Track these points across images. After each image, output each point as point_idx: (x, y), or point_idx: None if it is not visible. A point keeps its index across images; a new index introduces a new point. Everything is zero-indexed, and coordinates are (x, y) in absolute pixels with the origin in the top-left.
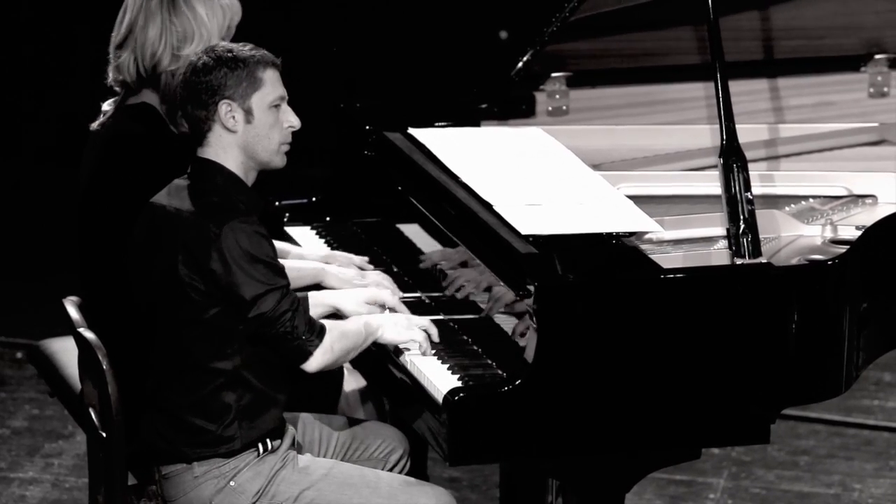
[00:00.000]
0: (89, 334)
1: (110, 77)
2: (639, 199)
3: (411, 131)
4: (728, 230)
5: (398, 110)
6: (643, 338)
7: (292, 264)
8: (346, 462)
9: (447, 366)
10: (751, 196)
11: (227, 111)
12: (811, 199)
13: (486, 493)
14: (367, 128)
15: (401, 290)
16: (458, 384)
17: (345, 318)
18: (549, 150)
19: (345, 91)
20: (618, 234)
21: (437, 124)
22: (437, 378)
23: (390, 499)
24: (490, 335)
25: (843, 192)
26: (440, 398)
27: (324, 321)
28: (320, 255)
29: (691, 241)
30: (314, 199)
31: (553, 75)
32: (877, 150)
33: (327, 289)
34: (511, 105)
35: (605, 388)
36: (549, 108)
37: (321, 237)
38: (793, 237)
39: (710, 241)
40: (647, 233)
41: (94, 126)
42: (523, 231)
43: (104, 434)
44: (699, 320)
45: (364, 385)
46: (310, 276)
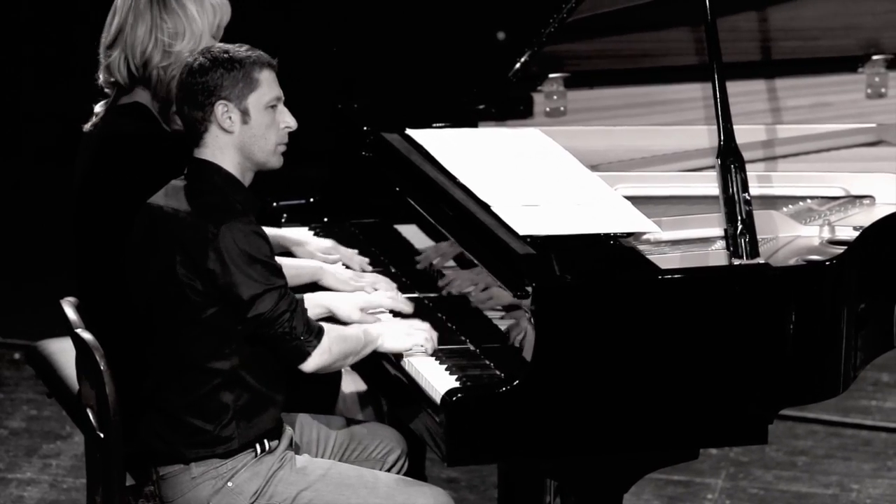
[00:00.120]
0: (87, 335)
1: (101, 79)
2: (637, 200)
3: (409, 132)
4: (726, 231)
5: (396, 111)
6: (641, 338)
7: (290, 262)
8: (344, 463)
9: (445, 366)
10: (748, 197)
11: (224, 112)
12: (809, 200)
13: (484, 493)
14: (365, 129)
15: (399, 290)
16: (456, 385)
17: (339, 320)
18: (547, 150)
19: (343, 92)
20: (616, 234)
21: (434, 125)
22: (435, 379)
23: (388, 499)
24: (488, 336)
25: (840, 193)
26: (438, 399)
27: (323, 324)
28: (325, 247)
29: (689, 242)
30: (312, 199)
31: (551, 76)
32: (874, 151)
33: (324, 287)
34: (509, 106)
35: (602, 389)
36: (547, 109)
37: (319, 238)
38: (790, 238)
39: (707, 241)
40: (644, 233)
41: (86, 127)
42: (521, 232)
43: (102, 435)
44: (697, 321)
45: (362, 386)
46: (307, 274)
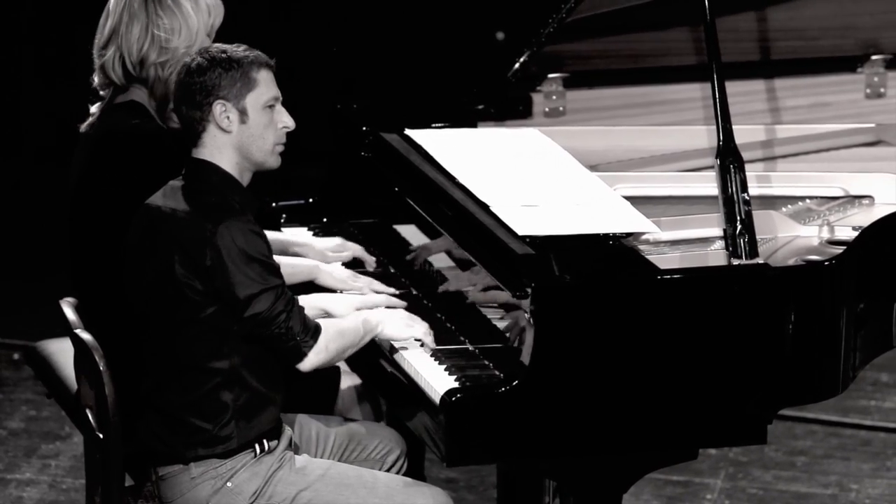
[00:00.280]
0: (86, 335)
1: (96, 81)
2: (636, 200)
3: (408, 132)
4: (725, 231)
5: (395, 111)
6: (640, 338)
7: (286, 261)
8: (343, 463)
9: (444, 366)
10: (748, 197)
11: (222, 111)
12: (808, 200)
13: (483, 493)
14: (364, 129)
15: (397, 292)
16: (455, 385)
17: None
18: (546, 150)
19: (342, 92)
20: (615, 234)
21: (433, 125)
22: (434, 379)
23: (387, 499)
24: (487, 336)
25: (839, 193)
26: (437, 399)
27: (320, 320)
28: (332, 246)
29: (688, 242)
30: (311, 200)
31: (550, 76)
32: (873, 151)
33: (321, 286)
34: (508, 106)
35: (602, 389)
36: (546, 109)
37: (324, 238)
38: (789, 238)
39: (707, 241)
40: (644, 234)
41: (82, 128)
42: (520, 232)
43: (101, 435)
44: (696, 321)
45: (361, 386)
46: (304, 273)
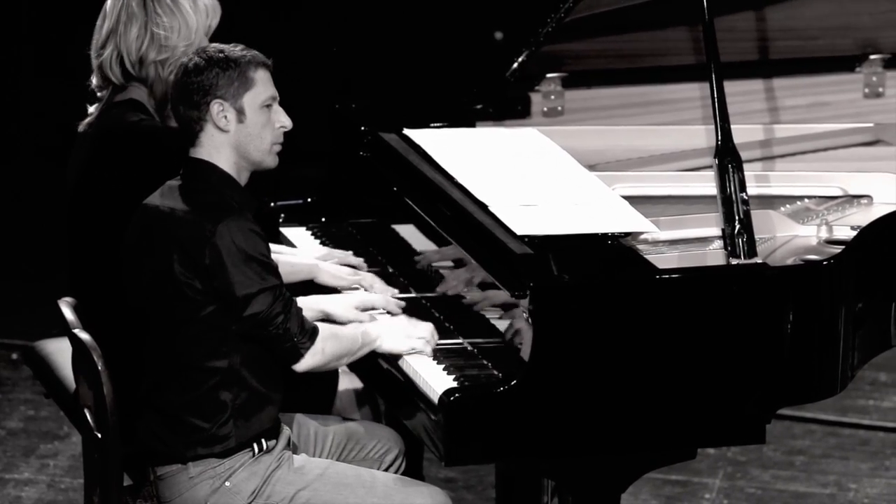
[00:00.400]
0: (84, 335)
1: (94, 82)
2: (634, 200)
3: (407, 132)
4: (723, 230)
5: (393, 111)
6: (639, 338)
7: (286, 260)
8: (342, 462)
9: (443, 366)
10: (746, 196)
11: (219, 111)
12: (806, 200)
13: (482, 493)
14: (363, 128)
15: (397, 290)
16: (454, 384)
17: (335, 321)
18: (545, 150)
19: (340, 92)
20: (613, 234)
21: (432, 125)
22: (433, 378)
23: (386, 499)
24: (486, 336)
25: (838, 193)
26: (436, 398)
27: (317, 323)
28: (318, 255)
29: (687, 242)
30: (309, 199)
31: (548, 76)
32: (872, 151)
33: (320, 285)
34: (506, 106)
35: (600, 389)
36: (545, 109)
37: (316, 238)
38: (788, 237)
39: (705, 241)
40: (642, 233)
41: (80, 127)
42: (519, 232)
43: (99, 435)
44: (695, 321)
45: (359, 385)
46: (303, 271)
